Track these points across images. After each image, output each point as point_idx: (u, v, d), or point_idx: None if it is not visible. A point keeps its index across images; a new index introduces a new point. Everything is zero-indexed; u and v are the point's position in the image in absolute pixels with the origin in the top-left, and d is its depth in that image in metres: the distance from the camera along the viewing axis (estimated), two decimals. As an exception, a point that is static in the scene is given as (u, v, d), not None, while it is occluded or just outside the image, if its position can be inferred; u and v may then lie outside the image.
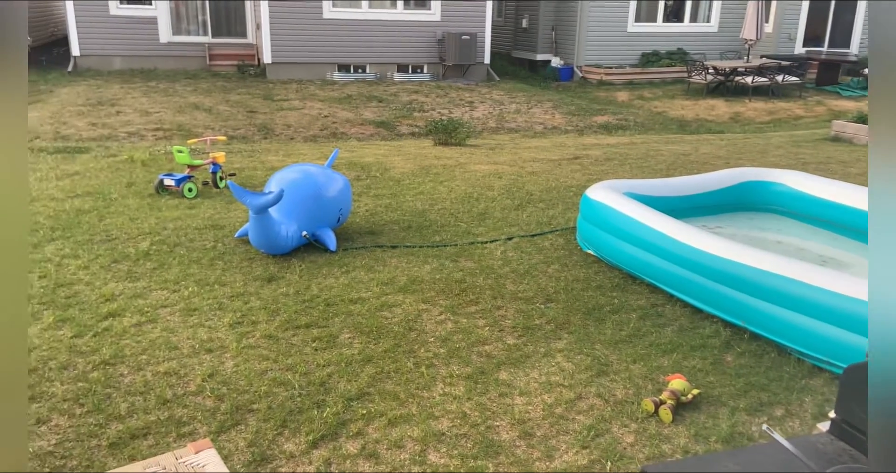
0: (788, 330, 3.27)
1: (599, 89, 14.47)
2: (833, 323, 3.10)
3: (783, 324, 3.30)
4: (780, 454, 1.05)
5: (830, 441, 1.16)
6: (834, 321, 3.09)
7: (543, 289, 4.01)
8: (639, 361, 3.18)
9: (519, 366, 3.13)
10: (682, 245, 3.87)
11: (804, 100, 13.11)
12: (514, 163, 7.65)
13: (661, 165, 7.55)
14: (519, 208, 5.70)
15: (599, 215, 4.55)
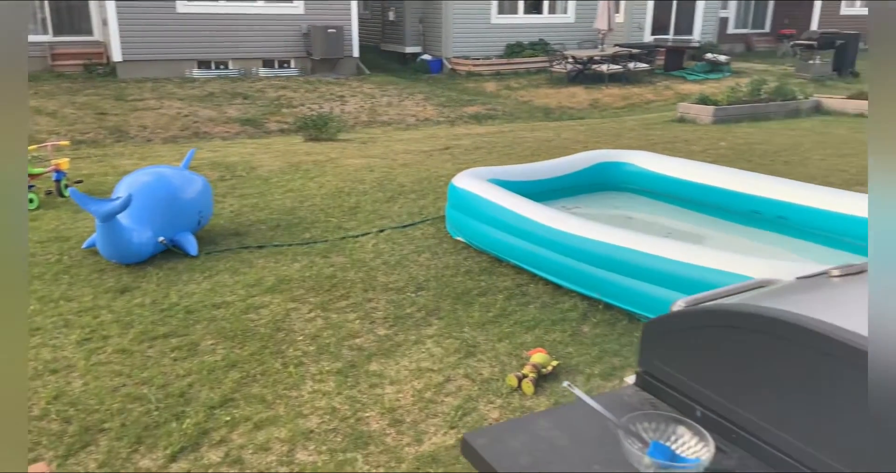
0: (637, 298, 3.52)
1: (469, 80, 14.76)
2: (675, 288, 3.37)
3: (633, 293, 3.55)
4: (588, 409, 1.13)
5: (635, 392, 1.26)
6: (676, 286, 3.37)
7: (414, 278, 4.05)
8: (504, 340, 3.30)
9: (390, 356, 3.15)
10: (542, 226, 4.05)
11: (654, 85, 14.07)
12: (386, 156, 7.66)
13: (526, 152, 7.84)
14: (391, 200, 5.72)
15: (465, 202, 4.66)
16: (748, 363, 1.07)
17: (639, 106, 12.77)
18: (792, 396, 1.01)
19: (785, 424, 1.02)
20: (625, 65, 14.14)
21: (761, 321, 1.05)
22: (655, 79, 14.53)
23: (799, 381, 0.99)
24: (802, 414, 0.99)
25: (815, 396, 0.97)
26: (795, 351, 0.99)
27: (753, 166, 6.82)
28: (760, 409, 1.06)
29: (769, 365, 1.04)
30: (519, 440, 1.10)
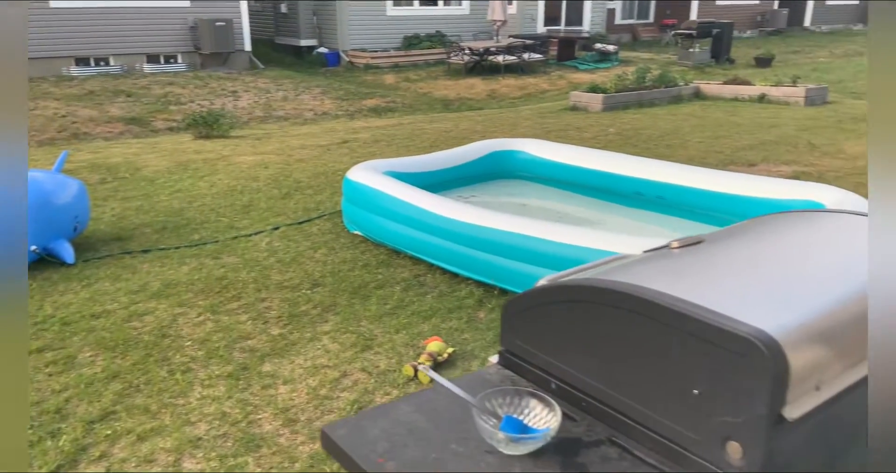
0: (530, 282, 3.62)
1: (367, 73, 14.64)
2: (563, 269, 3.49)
3: (525, 277, 3.64)
4: (448, 391, 1.15)
5: (497, 370, 1.30)
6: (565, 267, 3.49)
7: (310, 275, 3.99)
8: (401, 331, 3.31)
9: (284, 355, 3.09)
10: (437, 216, 4.08)
11: (548, 75, 14.48)
12: (281, 152, 7.47)
13: (425, 143, 7.87)
14: (286, 197, 5.59)
15: (361, 195, 4.63)
16: (592, 333, 1.12)
17: (535, 95, 13.10)
18: (629, 361, 1.07)
19: (625, 388, 1.08)
20: (520, 55, 14.46)
21: (599, 292, 1.10)
22: (549, 70, 14.95)
23: (632, 346, 1.05)
24: (638, 377, 1.05)
25: (646, 359, 1.03)
26: (629, 318, 1.05)
27: (639, 150, 7.15)
28: (604, 376, 1.11)
29: (609, 333, 1.09)
30: (378, 427, 1.11)
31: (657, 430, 1.04)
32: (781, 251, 1.25)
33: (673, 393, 1.01)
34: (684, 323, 0.97)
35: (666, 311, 0.99)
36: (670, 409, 1.02)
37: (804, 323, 0.96)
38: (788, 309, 0.98)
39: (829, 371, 0.97)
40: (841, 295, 1.04)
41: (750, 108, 9.84)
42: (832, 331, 0.98)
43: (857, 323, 1.02)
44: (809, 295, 1.04)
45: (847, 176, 5.89)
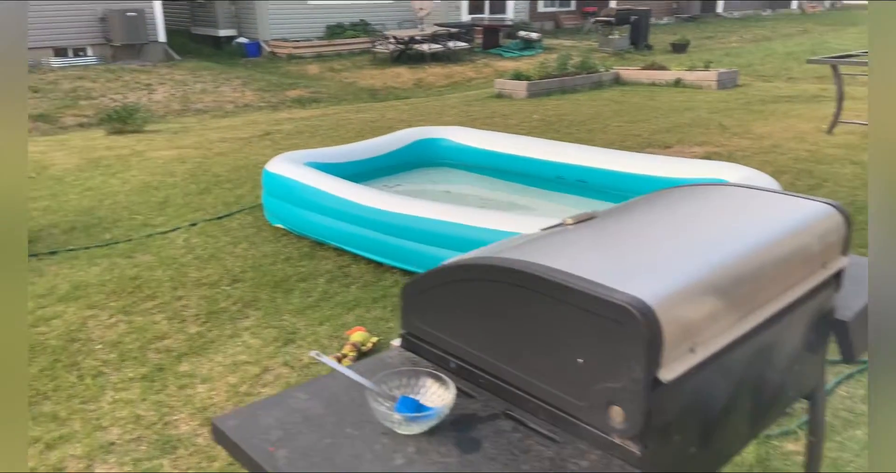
0: (453, 268, 3.64)
1: (290, 63, 14.31)
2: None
3: (448, 263, 3.67)
4: (344, 376, 1.14)
5: (399, 353, 1.30)
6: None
7: (230, 271, 3.88)
8: (325, 323, 3.27)
9: (202, 354, 3.00)
10: (359, 206, 4.04)
11: (474, 63, 14.55)
12: (200, 146, 7.23)
13: (351, 133, 7.78)
14: (204, 192, 5.42)
15: (281, 187, 4.53)
16: (485, 310, 1.14)
17: (461, 84, 13.15)
18: (519, 335, 1.09)
19: (517, 362, 1.10)
20: (445, 44, 14.46)
21: (487, 270, 1.11)
22: (475, 58, 15.02)
23: (522, 320, 1.07)
24: (529, 351, 1.07)
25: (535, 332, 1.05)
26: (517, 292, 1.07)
27: (561, 135, 7.29)
28: (498, 352, 1.13)
29: (500, 309, 1.11)
30: (272, 416, 1.09)
31: (548, 400, 1.07)
32: (668, 222, 1.30)
33: (560, 363, 1.03)
34: (566, 294, 1.00)
35: (549, 284, 1.01)
36: (559, 379, 1.04)
37: (678, 289, 1.00)
38: (665, 277, 1.02)
39: (703, 333, 1.02)
40: (717, 260, 1.09)
41: (666, 93, 10.18)
42: (706, 296, 1.03)
43: (731, 286, 1.07)
44: (687, 262, 1.08)
45: (754, 155, 6.19)
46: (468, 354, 1.19)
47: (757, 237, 1.17)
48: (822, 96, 9.12)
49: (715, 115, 8.17)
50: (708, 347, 1.02)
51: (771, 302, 1.14)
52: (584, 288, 0.98)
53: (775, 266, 1.14)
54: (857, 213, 4.58)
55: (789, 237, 1.20)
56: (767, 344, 1.17)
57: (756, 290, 1.10)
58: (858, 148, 6.29)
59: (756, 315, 1.11)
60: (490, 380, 1.16)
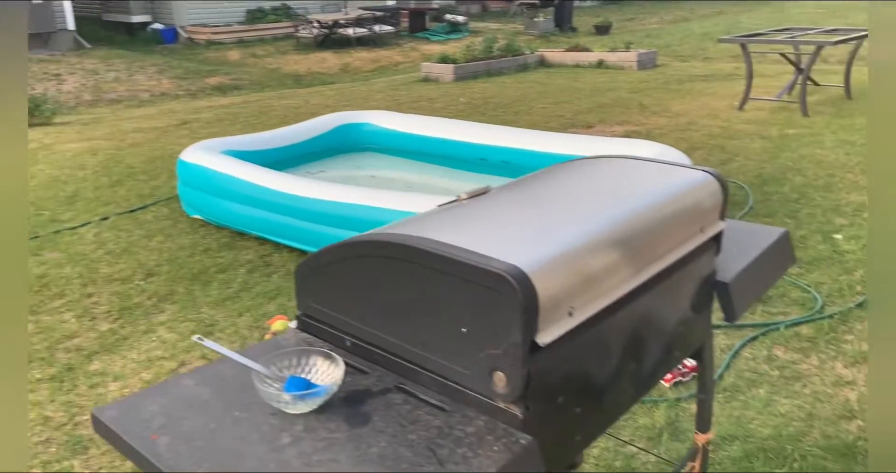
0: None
1: (209, 50, 13.82)
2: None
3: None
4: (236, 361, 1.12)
5: (294, 335, 1.28)
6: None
7: (144, 265, 3.75)
8: (245, 313, 3.21)
9: (115, 351, 2.90)
10: (280, 193, 3.97)
11: (401, 47, 14.43)
12: (112, 137, 6.92)
13: (274, 121, 7.60)
14: (117, 184, 5.20)
15: (198, 177, 4.39)
16: (375, 287, 1.14)
17: (388, 68, 13.03)
18: (409, 309, 1.09)
19: (408, 336, 1.11)
20: (370, 28, 14.27)
21: (374, 246, 1.11)
22: (402, 42, 14.89)
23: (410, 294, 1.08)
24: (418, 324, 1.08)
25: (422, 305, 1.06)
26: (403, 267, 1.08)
27: (487, 118, 7.35)
28: (390, 327, 1.13)
29: (389, 284, 1.11)
30: (156, 404, 1.06)
31: (438, 372, 1.08)
32: (555, 194, 1.33)
33: (447, 334, 1.05)
34: (447, 265, 1.01)
35: (430, 256, 1.02)
36: (447, 350, 1.06)
37: (554, 256, 1.02)
38: (542, 245, 1.05)
39: (582, 297, 1.05)
40: (594, 227, 1.12)
41: (590, 74, 10.39)
42: (583, 261, 1.06)
43: (608, 251, 1.11)
44: (566, 230, 1.11)
45: (670, 132, 6.41)
46: (362, 331, 1.19)
47: (634, 203, 1.21)
48: (736, 75, 9.51)
49: (635, 95, 8.40)
50: (587, 310, 1.05)
51: (650, 265, 1.18)
52: (462, 259, 0.99)
53: (652, 231, 1.19)
54: (763, 185, 4.82)
55: (666, 203, 1.24)
56: (649, 306, 1.22)
57: (634, 254, 1.14)
58: (767, 123, 6.61)
59: (635, 278, 1.15)
60: (384, 356, 1.16)
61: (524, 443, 0.97)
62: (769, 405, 2.49)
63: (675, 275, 1.27)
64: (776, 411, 2.46)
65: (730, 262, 1.46)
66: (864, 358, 2.74)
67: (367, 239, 1.14)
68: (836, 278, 3.39)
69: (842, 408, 2.46)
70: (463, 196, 1.39)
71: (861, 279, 3.38)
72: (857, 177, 4.87)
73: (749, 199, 4.50)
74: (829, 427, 2.36)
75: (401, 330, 1.12)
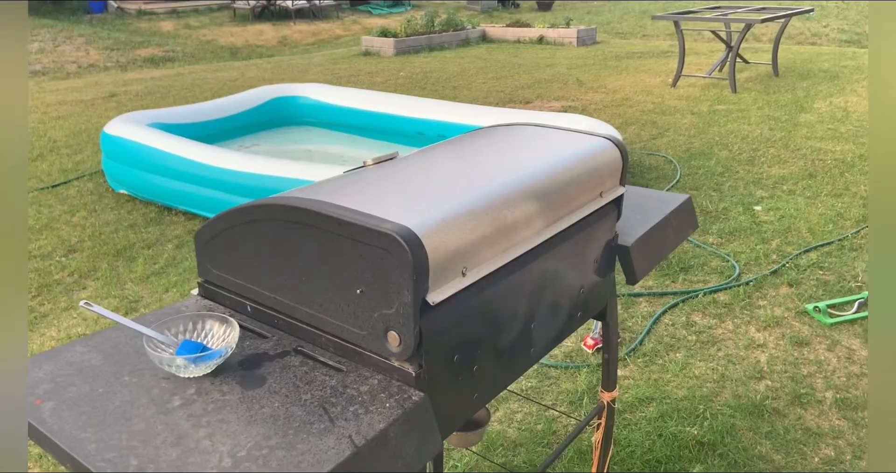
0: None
1: (141, 20, 13.24)
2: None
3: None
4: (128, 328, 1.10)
5: (196, 301, 1.27)
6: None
7: (65, 241, 3.61)
8: (171, 289, 3.14)
9: (33, 329, 2.80)
10: (208, 167, 3.87)
11: (342, 20, 14.14)
12: (36, 110, 6.59)
13: (206, 94, 7.37)
14: (38, 159, 4.97)
15: (122, 151, 4.24)
16: (273, 250, 1.13)
17: (328, 42, 12.76)
18: (306, 272, 1.09)
19: (306, 298, 1.11)
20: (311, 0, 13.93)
21: (270, 209, 1.10)
22: (343, 15, 14.60)
23: (306, 257, 1.08)
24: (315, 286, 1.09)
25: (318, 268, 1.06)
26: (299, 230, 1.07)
27: (427, 92, 7.31)
28: (288, 291, 1.13)
29: (286, 248, 1.11)
30: (43, 370, 1.04)
31: (336, 334, 1.09)
32: (458, 160, 1.34)
33: (343, 296, 1.05)
34: (340, 227, 1.01)
35: (323, 218, 1.02)
36: (343, 312, 1.07)
37: (446, 217, 1.04)
38: (436, 207, 1.06)
39: (475, 258, 1.07)
40: (488, 190, 1.14)
41: (530, 50, 10.43)
42: (476, 222, 1.08)
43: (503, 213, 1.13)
44: (461, 193, 1.13)
45: (605, 108, 6.52)
46: (262, 296, 1.19)
47: (533, 167, 1.23)
48: (671, 52, 9.71)
49: (573, 71, 8.49)
50: (480, 270, 1.08)
51: (547, 227, 1.21)
52: (354, 220, 0.99)
53: (550, 193, 1.21)
54: (691, 159, 4.97)
55: (566, 167, 1.27)
56: (549, 268, 1.26)
57: (531, 216, 1.17)
58: (698, 99, 6.79)
59: (532, 240, 1.18)
60: (284, 319, 1.16)
61: (416, 400, 0.99)
62: (685, 368, 2.61)
63: (574, 238, 1.30)
64: (691, 373, 2.57)
65: (632, 227, 1.51)
66: (776, 323, 2.89)
67: (262, 204, 1.13)
68: (753, 247, 3.54)
69: (752, 370, 2.59)
70: (369, 162, 1.39)
71: (777, 247, 3.54)
72: (780, 152, 5.08)
73: (677, 173, 4.64)
74: (740, 388, 2.49)
75: (298, 294, 1.12)
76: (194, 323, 1.11)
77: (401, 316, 0.99)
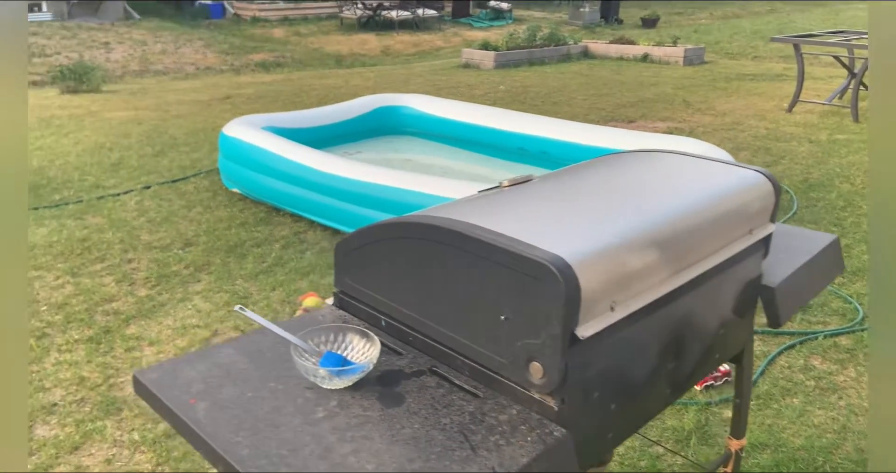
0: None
1: (255, 26, 13.94)
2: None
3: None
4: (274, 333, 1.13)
5: (331, 311, 1.29)
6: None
7: (183, 234, 3.82)
8: (278, 288, 3.25)
9: (151, 317, 2.96)
10: (318, 171, 4.00)
11: (443, 32, 14.36)
12: (158, 108, 7.03)
13: (313, 100, 7.65)
14: (160, 154, 5.29)
15: (238, 151, 4.45)
16: (413, 268, 1.14)
17: (429, 52, 12.98)
18: (446, 293, 1.09)
19: (444, 319, 1.10)
20: (414, 11, 14.22)
21: (416, 228, 1.11)
22: (444, 26, 14.82)
23: (448, 278, 1.07)
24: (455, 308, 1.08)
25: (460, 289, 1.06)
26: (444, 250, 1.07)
27: (526, 107, 7.28)
28: (426, 310, 1.13)
29: (427, 267, 1.11)
30: (195, 370, 1.08)
31: (472, 357, 1.08)
32: (600, 186, 1.30)
33: (484, 320, 1.04)
34: (488, 251, 1.00)
35: (471, 241, 1.02)
36: (483, 336, 1.05)
37: (599, 248, 1.01)
38: (587, 236, 1.03)
39: (623, 293, 1.03)
40: (641, 222, 1.10)
41: (634, 67, 10.21)
42: (628, 256, 1.04)
43: (655, 247, 1.09)
44: (612, 223, 1.09)
45: (715, 131, 6.27)
46: (398, 312, 1.19)
47: (684, 200, 1.18)
48: (786, 75, 9.25)
49: (680, 91, 8.24)
50: (629, 306, 1.04)
51: (696, 264, 1.16)
52: (504, 246, 0.98)
53: (700, 230, 1.16)
54: (808, 190, 4.69)
55: (716, 202, 1.22)
56: (692, 306, 1.20)
57: (680, 252, 1.12)
58: (816, 127, 6.42)
59: (679, 276, 1.13)
60: (418, 338, 1.16)
61: (558, 436, 0.96)
62: (803, 415, 2.44)
63: (720, 276, 1.24)
64: (809, 422, 2.41)
65: (777, 266, 1.43)
66: (902, 374, 2.67)
67: (410, 221, 1.14)
68: (878, 290, 3.29)
69: (876, 423, 2.40)
70: (505, 183, 1.38)
71: (905, 292, 3.28)
72: (908, 188, 4.71)
73: (794, 204, 4.39)
74: (863, 442, 2.31)
75: (436, 314, 1.12)
76: (335, 334, 1.13)
77: (547, 347, 0.97)
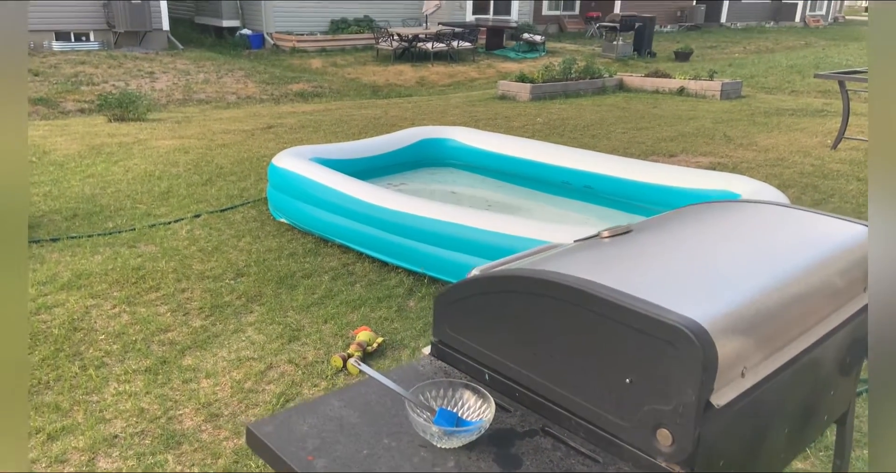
0: (460, 270, 3.63)
1: (293, 57, 14.25)
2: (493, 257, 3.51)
3: (455, 265, 3.65)
4: (380, 384, 1.12)
5: (430, 362, 1.28)
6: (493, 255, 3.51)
7: (234, 264, 3.85)
8: (330, 321, 3.24)
9: (206, 348, 2.97)
10: (366, 203, 4.02)
11: (477, 63, 14.52)
12: (203, 137, 7.17)
13: (353, 130, 7.74)
14: (208, 183, 5.38)
15: (287, 182, 4.50)
16: (524, 323, 1.12)
17: (464, 83, 13.12)
18: (561, 351, 1.07)
19: (557, 378, 1.08)
20: (449, 43, 14.43)
21: (530, 282, 1.09)
22: (479, 58, 15.00)
23: (564, 336, 1.05)
24: (571, 367, 1.05)
25: (578, 348, 1.03)
26: (561, 307, 1.05)
27: (565, 140, 7.29)
28: (537, 366, 1.11)
29: (541, 323, 1.09)
30: (307, 423, 1.07)
31: (589, 419, 1.05)
32: (706, 240, 1.28)
33: (605, 382, 1.02)
34: (616, 312, 0.98)
35: (597, 301, 0.99)
36: (602, 398, 1.03)
37: (730, 312, 0.98)
38: (715, 298, 1.00)
39: (753, 357, 1.00)
40: (764, 283, 1.07)
41: (670, 101, 10.20)
42: (756, 319, 1.01)
43: (778, 310, 1.06)
44: (734, 283, 1.06)
45: (759, 167, 6.20)
46: (503, 366, 1.17)
47: (804, 259, 1.15)
48: (826, 111, 9.16)
49: (719, 126, 8.19)
50: (757, 372, 1.01)
51: (818, 325, 1.12)
52: (635, 307, 0.96)
53: (823, 287, 1.13)
54: (861, 230, 4.59)
55: (834, 258, 1.18)
56: (809, 368, 1.16)
57: (804, 314, 1.09)
58: (863, 164, 6.32)
59: (803, 339, 1.09)
60: (527, 395, 1.14)
61: (689, 507, 0.92)
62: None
63: (836, 336, 1.20)
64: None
65: (882, 324, 1.38)
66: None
67: (520, 275, 1.12)
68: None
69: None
70: (605, 233, 1.36)
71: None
72: (966, 230, 4.58)
73: (847, 245, 4.28)
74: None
75: (548, 371, 1.10)
76: (446, 389, 1.11)
77: (679, 415, 0.94)
